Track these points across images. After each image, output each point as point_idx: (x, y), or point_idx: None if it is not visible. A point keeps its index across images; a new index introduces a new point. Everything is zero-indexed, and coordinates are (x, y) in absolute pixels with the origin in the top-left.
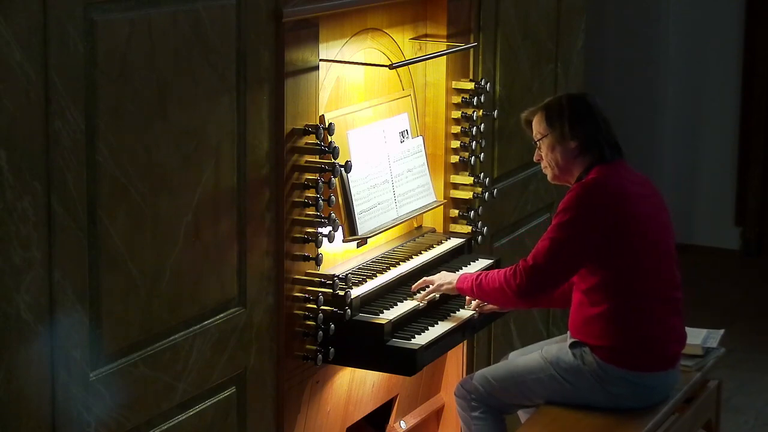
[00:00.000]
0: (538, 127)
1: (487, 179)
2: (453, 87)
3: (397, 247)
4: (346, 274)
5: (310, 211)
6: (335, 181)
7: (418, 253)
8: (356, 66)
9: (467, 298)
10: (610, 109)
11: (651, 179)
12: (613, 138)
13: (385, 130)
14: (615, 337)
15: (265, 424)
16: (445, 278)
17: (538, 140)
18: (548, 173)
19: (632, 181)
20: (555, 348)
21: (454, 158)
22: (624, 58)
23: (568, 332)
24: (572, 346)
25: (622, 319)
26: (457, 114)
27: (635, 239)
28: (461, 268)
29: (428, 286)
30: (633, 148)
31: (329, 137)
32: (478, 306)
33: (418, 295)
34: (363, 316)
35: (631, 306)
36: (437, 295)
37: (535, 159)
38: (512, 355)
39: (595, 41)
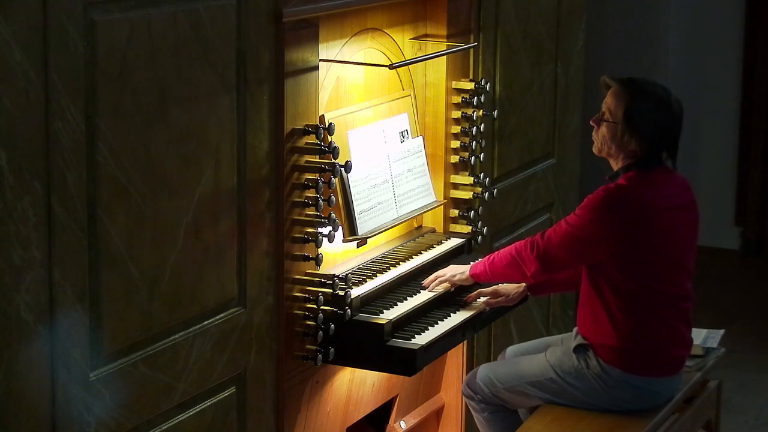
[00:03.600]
0: (612, 106)
1: (487, 179)
2: (453, 87)
3: (397, 247)
4: (346, 274)
5: (310, 211)
6: (335, 181)
7: (418, 253)
8: (356, 66)
9: (469, 294)
10: None
11: None
12: (676, 148)
13: (385, 130)
14: (620, 337)
15: (265, 424)
16: (456, 269)
17: (605, 118)
18: (595, 146)
19: (665, 193)
20: (559, 351)
21: (454, 158)
22: (624, 58)
23: (575, 329)
24: (576, 350)
25: (628, 320)
26: (457, 114)
27: (652, 253)
28: (469, 264)
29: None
30: None
31: (329, 137)
32: (486, 301)
33: (430, 287)
34: (363, 316)
35: (639, 308)
36: (452, 288)
37: (591, 122)
38: (509, 350)
39: (595, 41)
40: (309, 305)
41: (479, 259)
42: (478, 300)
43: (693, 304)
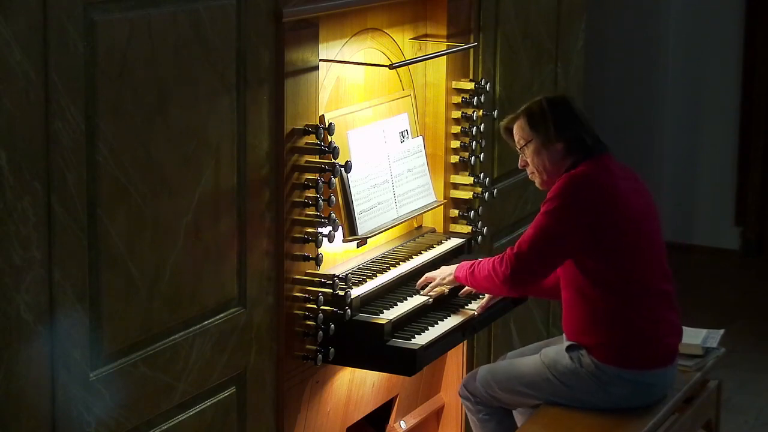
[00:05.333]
0: (521, 132)
1: (487, 179)
2: (453, 87)
3: (397, 247)
4: (346, 274)
5: (310, 211)
6: (335, 181)
7: (418, 253)
8: (356, 66)
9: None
10: (610, 110)
11: (651, 179)
12: (595, 134)
13: (385, 130)
14: (609, 333)
15: (265, 424)
16: (445, 271)
17: (522, 146)
18: (536, 179)
19: (621, 175)
20: (553, 351)
21: (454, 158)
22: (624, 58)
23: (564, 334)
24: (569, 349)
25: (614, 315)
26: (457, 114)
27: (626, 233)
28: (461, 261)
29: (430, 283)
30: (633, 148)
31: (329, 137)
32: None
33: (423, 291)
34: (363, 316)
35: (623, 300)
36: (446, 290)
37: (520, 166)
38: (509, 355)
39: (595, 41)
40: (309, 305)
41: (467, 261)
42: (469, 305)
43: (674, 286)
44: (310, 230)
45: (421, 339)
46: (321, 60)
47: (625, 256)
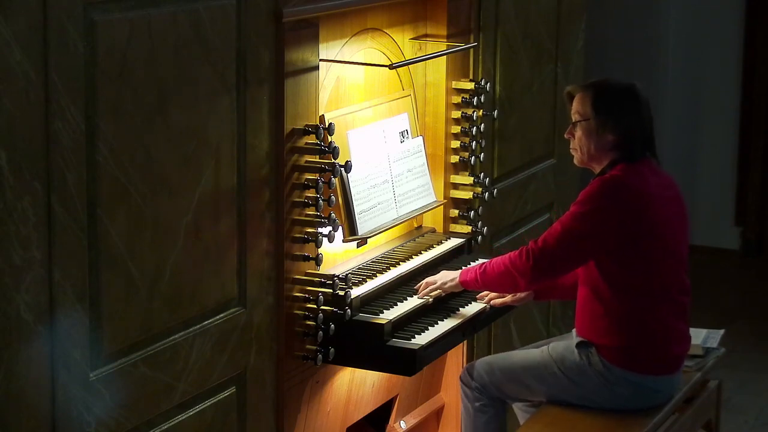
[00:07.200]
0: (580, 107)
1: (487, 179)
2: (453, 87)
3: (397, 247)
4: (346, 274)
5: (310, 211)
6: (335, 181)
7: (418, 253)
8: (356, 66)
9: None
10: None
11: None
12: (651, 135)
13: (385, 130)
14: (621, 335)
15: (265, 424)
16: (447, 276)
17: (577, 121)
18: (576, 156)
19: (656, 183)
20: (562, 346)
21: (454, 158)
22: (624, 58)
23: (574, 330)
24: (579, 345)
25: (628, 317)
26: (457, 114)
27: (650, 242)
28: (460, 269)
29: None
30: None
31: (329, 137)
32: (489, 299)
33: (421, 293)
34: (363, 316)
35: (638, 305)
36: (442, 293)
37: (566, 135)
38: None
39: (595, 41)
40: (309, 305)
41: (470, 265)
42: (469, 306)
43: (690, 298)
44: (310, 230)
45: (421, 339)
46: (321, 60)
47: (647, 262)
